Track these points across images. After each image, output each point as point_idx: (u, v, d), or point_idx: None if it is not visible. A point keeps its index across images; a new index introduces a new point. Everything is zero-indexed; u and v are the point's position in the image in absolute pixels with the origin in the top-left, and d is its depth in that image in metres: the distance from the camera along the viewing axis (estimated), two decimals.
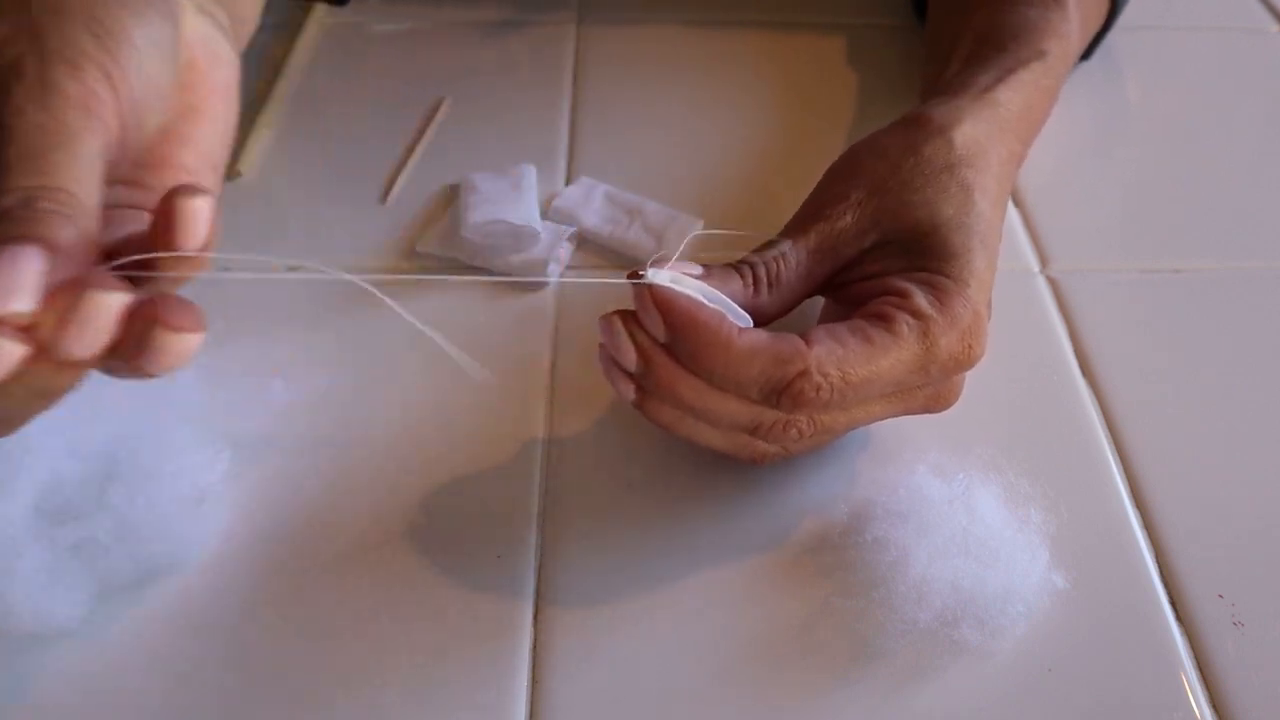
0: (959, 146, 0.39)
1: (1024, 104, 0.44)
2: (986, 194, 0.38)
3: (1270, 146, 0.55)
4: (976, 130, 0.40)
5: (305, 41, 0.60)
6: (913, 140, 0.39)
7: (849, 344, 0.33)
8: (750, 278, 0.36)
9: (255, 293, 0.46)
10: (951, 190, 0.37)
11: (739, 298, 0.35)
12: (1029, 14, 0.48)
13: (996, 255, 0.38)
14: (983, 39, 0.47)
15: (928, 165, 0.38)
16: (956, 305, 0.34)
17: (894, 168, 0.38)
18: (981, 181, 0.38)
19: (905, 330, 0.33)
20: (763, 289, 0.36)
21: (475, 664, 0.34)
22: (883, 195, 0.37)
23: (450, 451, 0.40)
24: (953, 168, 0.38)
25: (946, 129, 0.39)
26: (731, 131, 0.55)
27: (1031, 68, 0.45)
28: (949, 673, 0.34)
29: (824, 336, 0.33)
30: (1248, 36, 0.63)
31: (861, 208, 0.37)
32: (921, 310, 0.34)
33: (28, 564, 0.33)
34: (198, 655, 0.34)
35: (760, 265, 0.36)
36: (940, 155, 0.38)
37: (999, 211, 0.39)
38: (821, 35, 0.62)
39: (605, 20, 0.63)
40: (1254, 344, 0.45)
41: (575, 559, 0.37)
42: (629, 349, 0.33)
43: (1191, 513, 0.38)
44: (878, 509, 0.37)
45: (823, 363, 0.32)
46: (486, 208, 0.47)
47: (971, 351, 0.35)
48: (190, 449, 0.37)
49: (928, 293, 0.35)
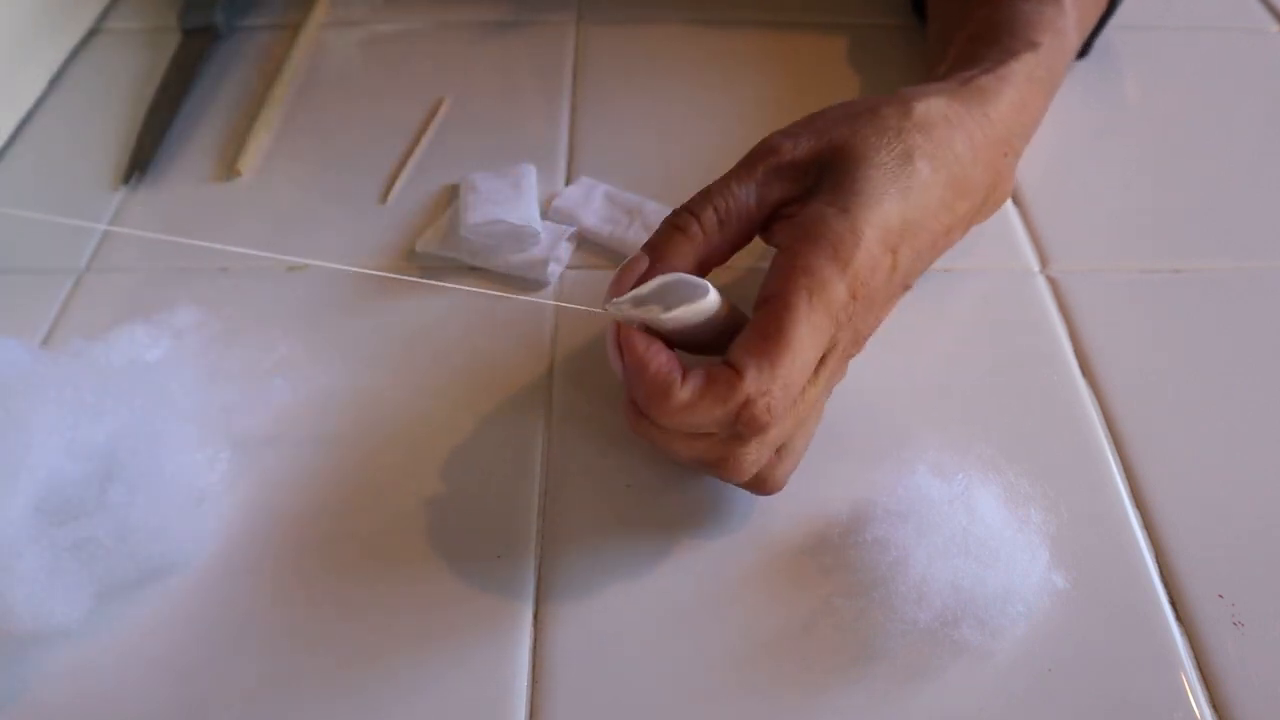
0: (916, 114, 0.39)
1: (1016, 96, 0.44)
2: (932, 161, 0.38)
3: (1270, 146, 0.55)
4: (944, 107, 0.40)
5: (305, 41, 0.60)
6: (875, 103, 0.40)
7: (768, 351, 0.33)
8: (697, 225, 0.37)
9: (255, 293, 0.46)
10: (892, 145, 0.38)
11: (693, 254, 0.36)
12: (1024, 8, 0.48)
13: (929, 229, 0.38)
14: (976, 36, 0.47)
15: (881, 122, 0.39)
16: (846, 248, 0.35)
17: (851, 117, 0.39)
18: (929, 149, 0.39)
19: (804, 301, 0.33)
20: (712, 231, 0.37)
21: (475, 663, 0.34)
22: (832, 137, 0.38)
23: (450, 451, 0.40)
24: (903, 131, 0.39)
25: (909, 99, 0.40)
26: (731, 131, 0.55)
27: (1023, 59, 0.45)
28: (949, 673, 0.34)
29: (744, 356, 0.33)
30: (1248, 36, 0.63)
31: (809, 145, 0.38)
32: (814, 271, 0.34)
33: (28, 564, 0.33)
34: (198, 655, 0.34)
35: (709, 208, 0.37)
36: (894, 118, 0.39)
37: (949, 190, 0.39)
38: (822, 35, 0.62)
39: (605, 20, 0.63)
40: (1254, 344, 0.45)
41: (575, 559, 0.37)
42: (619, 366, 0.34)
43: (1191, 513, 0.38)
44: (878, 509, 0.37)
45: (759, 383, 0.33)
46: (486, 208, 0.47)
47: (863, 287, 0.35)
48: (190, 449, 0.37)
49: (820, 249, 0.35)
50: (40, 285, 0.46)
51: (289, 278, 0.47)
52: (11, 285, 0.47)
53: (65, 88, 0.58)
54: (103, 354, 0.41)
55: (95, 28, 0.63)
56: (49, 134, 0.55)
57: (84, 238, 0.49)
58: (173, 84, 0.57)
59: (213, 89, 0.58)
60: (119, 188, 0.52)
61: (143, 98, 0.56)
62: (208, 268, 0.47)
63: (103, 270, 0.47)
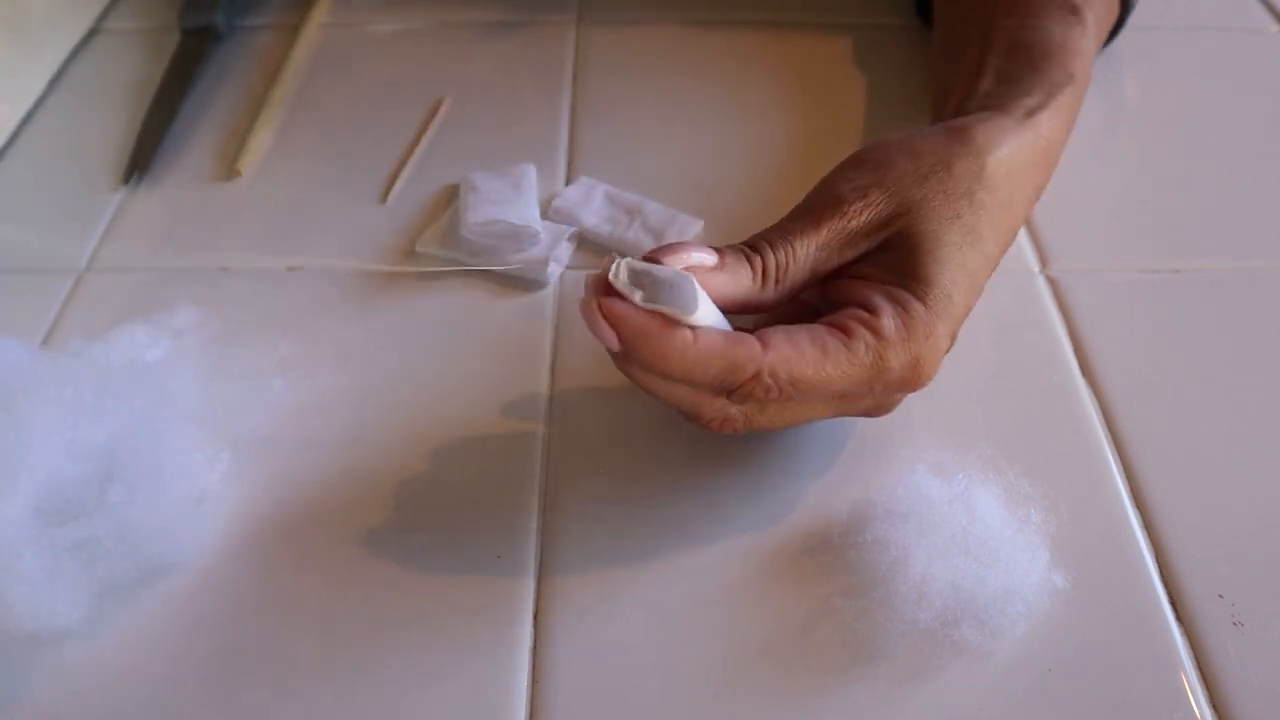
0: (989, 173, 0.39)
1: (1059, 134, 0.44)
2: (997, 230, 0.39)
3: (1270, 146, 0.55)
4: (1013, 160, 0.40)
5: (305, 41, 0.60)
6: (948, 154, 0.39)
7: (805, 352, 0.33)
8: (760, 271, 0.36)
9: (255, 292, 0.46)
10: (965, 218, 0.37)
11: (747, 289, 0.35)
12: (1053, 30, 0.47)
13: (980, 290, 0.38)
14: (1010, 52, 0.47)
15: (954, 185, 0.38)
16: (919, 334, 0.35)
17: (922, 178, 0.38)
18: (995, 218, 0.39)
19: (861, 350, 0.34)
20: (769, 284, 0.36)
21: (475, 663, 0.34)
22: (901, 201, 0.37)
23: (451, 450, 0.40)
24: (973, 194, 0.38)
25: (983, 152, 0.39)
26: (731, 131, 0.55)
27: (1065, 93, 0.45)
28: (949, 673, 0.34)
29: (781, 342, 0.33)
30: (1248, 36, 0.63)
31: (878, 210, 0.37)
32: (883, 332, 0.34)
33: (28, 564, 0.33)
34: (198, 655, 0.34)
35: (771, 259, 0.36)
36: (968, 177, 0.38)
37: (1003, 247, 0.40)
38: (823, 35, 0.62)
39: (605, 20, 0.63)
40: (1254, 344, 0.45)
41: (575, 558, 0.37)
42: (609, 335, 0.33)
43: (1191, 513, 0.38)
44: (878, 509, 0.37)
45: (775, 369, 0.33)
46: (486, 208, 0.47)
47: (919, 378, 0.36)
48: (190, 449, 0.37)
49: (896, 315, 0.35)
50: (40, 285, 0.46)
51: (289, 278, 0.47)
52: (11, 285, 0.47)
53: (65, 88, 0.58)
54: (103, 354, 0.41)
55: (95, 28, 0.63)
56: (49, 134, 0.55)
57: (84, 238, 0.49)
58: (173, 84, 0.57)
59: (213, 89, 0.58)
60: (119, 188, 0.52)
61: (143, 98, 0.56)
62: (208, 268, 0.47)
63: (103, 270, 0.47)
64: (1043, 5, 0.49)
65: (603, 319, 0.32)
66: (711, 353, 0.32)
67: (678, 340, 0.32)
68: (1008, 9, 0.49)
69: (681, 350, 0.32)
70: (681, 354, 0.32)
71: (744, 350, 0.33)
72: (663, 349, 0.32)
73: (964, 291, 0.37)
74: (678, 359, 0.32)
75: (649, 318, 0.32)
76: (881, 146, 0.40)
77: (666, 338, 0.32)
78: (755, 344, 0.33)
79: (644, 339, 0.32)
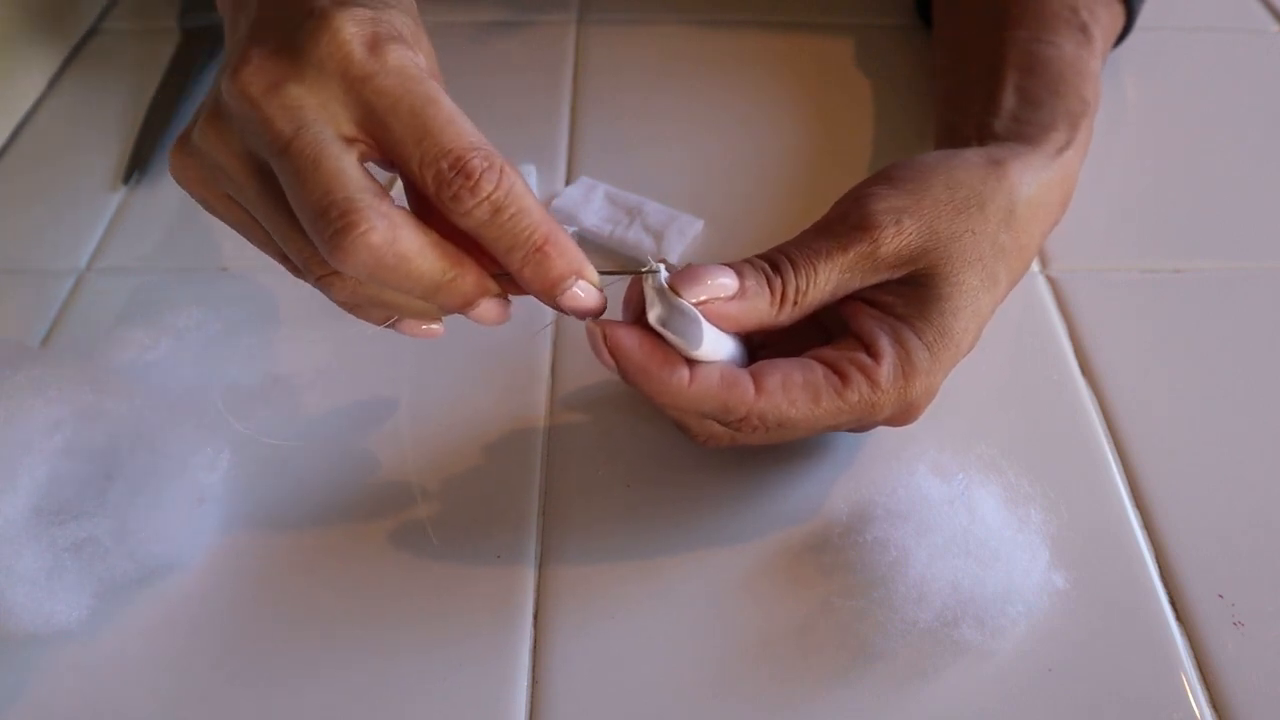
0: (1017, 216, 0.39)
1: (1078, 168, 0.45)
2: (1012, 273, 0.39)
3: (1270, 146, 0.55)
4: (1038, 199, 0.41)
5: None
6: (984, 189, 0.38)
7: (796, 400, 0.34)
8: (779, 296, 0.35)
9: (255, 293, 0.46)
10: (987, 262, 0.37)
11: (762, 316, 0.35)
12: (1065, 48, 0.48)
13: (980, 333, 0.38)
14: (1029, 69, 0.47)
15: (984, 225, 0.38)
16: (916, 384, 0.35)
17: (956, 210, 0.37)
18: (1012, 263, 0.39)
19: (855, 398, 0.34)
20: (786, 308, 0.35)
21: (476, 663, 0.34)
22: (932, 235, 0.36)
23: (451, 451, 0.40)
24: (998, 238, 0.38)
25: (1015, 191, 0.39)
26: (731, 131, 0.55)
27: (1083, 126, 0.45)
28: (949, 673, 0.34)
29: (775, 387, 0.34)
30: (1248, 36, 0.63)
31: (909, 241, 0.36)
32: (880, 383, 0.35)
33: (28, 564, 0.33)
34: (198, 655, 0.34)
35: (792, 283, 0.35)
36: (998, 218, 0.38)
37: (1013, 286, 0.40)
38: (823, 35, 0.62)
39: (605, 20, 0.63)
40: (1254, 344, 0.45)
41: (575, 558, 0.37)
42: (610, 362, 0.34)
43: (1191, 513, 0.38)
44: (878, 509, 0.37)
45: (764, 414, 0.34)
46: None
47: (908, 419, 0.37)
48: (190, 449, 0.37)
49: (896, 364, 0.35)
50: (40, 285, 0.47)
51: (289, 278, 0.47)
52: (11, 285, 0.47)
53: (65, 88, 0.58)
54: (103, 354, 0.41)
55: (95, 28, 0.63)
56: (49, 134, 0.55)
57: (84, 238, 0.49)
58: (173, 84, 0.57)
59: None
60: (119, 188, 0.52)
61: (142, 98, 0.56)
62: (208, 268, 0.47)
63: (103, 270, 0.47)
64: (1054, 21, 0.49)
65: (606, 348, 0.33)
66: (704, 396, 0.33)
67: (674, 381, 0.33)
68: (1018, 21, 0.49)
69: (676, 391, 0.33)
70: (676, 394, 0.33)
71: (736, 395, 0.33)
72: (660, 387, 0.33)
73: (972, 336, 0.37)
74: (672, 397, 0.33)
75: (649, 354, 0.33)
76: (919, 166, 0.39)
77: (664, 378, 0.33)
78: (748, 388, 0.33)
79: (644, 376, 0.33)
